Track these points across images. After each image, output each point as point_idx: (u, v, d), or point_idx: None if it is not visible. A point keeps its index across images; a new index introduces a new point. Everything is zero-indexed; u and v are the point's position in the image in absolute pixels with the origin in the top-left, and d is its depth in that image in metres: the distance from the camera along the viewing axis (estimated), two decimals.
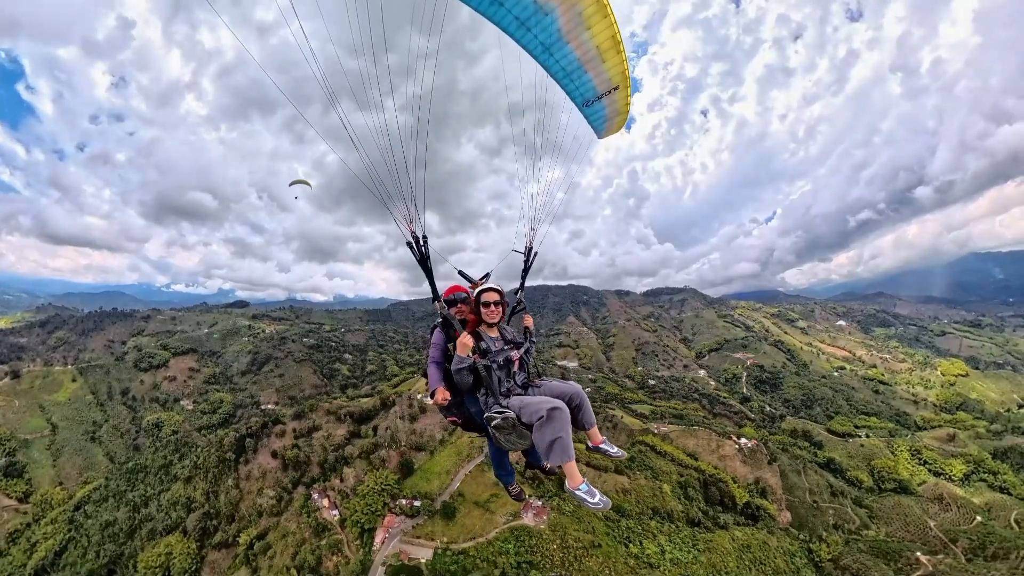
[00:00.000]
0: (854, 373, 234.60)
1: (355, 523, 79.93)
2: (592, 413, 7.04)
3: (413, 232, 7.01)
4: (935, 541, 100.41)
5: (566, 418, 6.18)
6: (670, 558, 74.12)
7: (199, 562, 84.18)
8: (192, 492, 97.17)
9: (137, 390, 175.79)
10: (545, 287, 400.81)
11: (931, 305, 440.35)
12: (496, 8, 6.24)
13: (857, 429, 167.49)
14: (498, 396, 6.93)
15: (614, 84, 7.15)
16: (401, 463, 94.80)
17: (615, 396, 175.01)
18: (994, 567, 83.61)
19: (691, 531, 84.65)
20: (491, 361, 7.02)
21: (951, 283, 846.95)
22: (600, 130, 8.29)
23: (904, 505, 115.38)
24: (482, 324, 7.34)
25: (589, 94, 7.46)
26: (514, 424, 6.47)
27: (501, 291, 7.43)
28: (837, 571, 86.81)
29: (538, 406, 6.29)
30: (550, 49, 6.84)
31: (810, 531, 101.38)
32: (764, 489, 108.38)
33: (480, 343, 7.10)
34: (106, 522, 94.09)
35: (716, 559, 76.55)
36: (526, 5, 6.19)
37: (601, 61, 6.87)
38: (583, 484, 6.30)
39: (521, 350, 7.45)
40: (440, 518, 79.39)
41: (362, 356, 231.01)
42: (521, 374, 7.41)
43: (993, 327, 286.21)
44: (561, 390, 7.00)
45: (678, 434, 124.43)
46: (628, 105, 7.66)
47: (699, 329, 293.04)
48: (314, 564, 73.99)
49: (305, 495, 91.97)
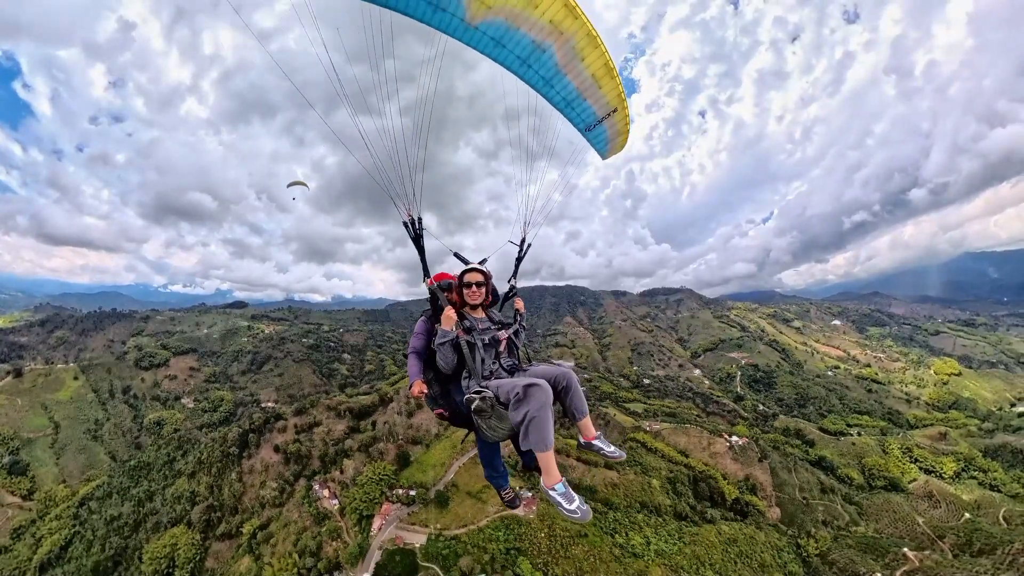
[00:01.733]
0: (848, 372, 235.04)
1: (354, 510, 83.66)
2: (583, 400, 6.51)
3: (410, 214, 7.16)
4: (923, 537, 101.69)
5: (545, 398, 5.60)
6: (655, 549, 76.17)
7: (203, 552, 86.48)
8: (196, 486, 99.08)
9: (138, 388, 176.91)
10: (542, 287, 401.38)
11: (926, 304, 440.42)
12: (500, 50, 6.87)
13: (849, 427, 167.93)
14: (479, 377, 6.62)
15: (612, 107, 7.70)
16: (398, 455, 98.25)
17: (609, 395, 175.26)
18: (979, 563, 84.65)
19: (678, 525, 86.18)
20: (475, 338, 6.80)
21: (946, 283, 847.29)
22: (604, 151, 8.79)
23: (894, 502, 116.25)
24: (466, 306, 7.26)
25: (590, 119, 7.98)
26: (492, 405, 6.03)
27: (485, 272, 7.31)
28: (824, 566, 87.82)
29: (514, 383, 5.92)
30: (550, 82, 7.42)
31: (799, 527, 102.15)
32: (754, 486, 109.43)
33: (464, 322, 6.96)
34: (111, 516, 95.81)
35: (701, 551, 78.21)
36: (525, 45, 6.77)
37: (598, 87, 7.41)
38: (559, 484, 5.68)
39: (509, 331, 7.27)
40: (434, 506, 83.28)
41: (360, 356, 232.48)
42: (509, 359, 7.16)
43: (987, 326, 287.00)
44: (546, 371, 6.52)
45: (670, 432, 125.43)
46: (628, 125, 8.15)
47: (695, 329, 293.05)
48: (315, 549, 77.32)
49: (306, 486, 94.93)
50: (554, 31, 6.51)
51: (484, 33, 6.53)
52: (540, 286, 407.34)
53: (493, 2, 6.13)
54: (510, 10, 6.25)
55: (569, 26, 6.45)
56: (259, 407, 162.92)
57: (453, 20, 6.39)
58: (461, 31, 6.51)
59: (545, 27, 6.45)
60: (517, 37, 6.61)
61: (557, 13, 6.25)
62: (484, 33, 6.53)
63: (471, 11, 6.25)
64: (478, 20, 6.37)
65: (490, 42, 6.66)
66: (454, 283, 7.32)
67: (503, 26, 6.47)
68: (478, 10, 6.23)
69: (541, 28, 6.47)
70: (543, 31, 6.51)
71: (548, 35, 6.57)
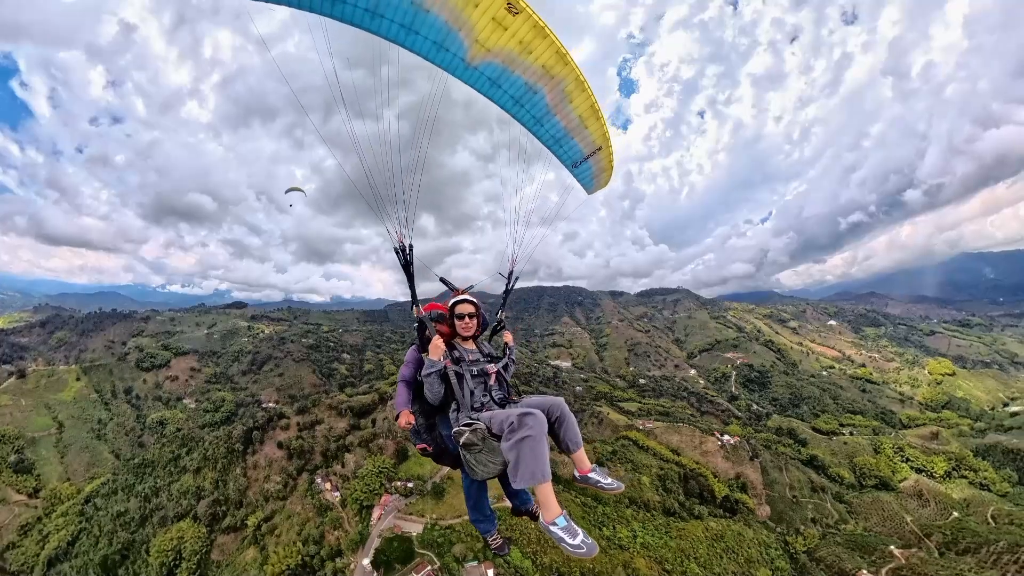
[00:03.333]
0: (843, 372, 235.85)
1: (355, 501, 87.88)
2: (578, 431, 6.22)
3: (401, 241, 7.33)
4: (910, 535, 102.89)
5: (541, 426, 5.37)
6: (640, 542, 79.07)
7: (209, 545, 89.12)
8: (201, 482, 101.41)
9: (140, 389, 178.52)
10: (540, 288, 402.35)
11: (922, 305, 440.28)
12: (495, 90, 7.38)
13: (842, 427, 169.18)
14: (468, 409, 6.43)
15: (597, 145, 8.15)
16: (397, 450, 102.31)
17: (605, 395, 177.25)
18: (964, 561, 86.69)
19: (665, 520, 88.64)
20: (464, 370, 6.67)
21: (943, 282, 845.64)
22: (589, 187, 9.14)
23: (883, 501, 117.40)
24: (456, 337, 7.19)
25: (577, 156, 8.39)
26: (484, 437, 5.78)
27: (476, 303, 7.24)
28: (812, 563, 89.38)
29: (507, 413, 5.67)
30: (540, 121, 7.86)
31: (788, 524, 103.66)
32: (744, 484, 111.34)
33: (454, 352, 6.84)
34: (118, 512, 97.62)
35: (686, 545, 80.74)
36: (519, 86, 7.28)
37: (584, 128, 7.86)
38: (560, 518, 5.41)
39: (499, 364, 7.11)
40: (430, 498, 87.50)
41: (360, 356, 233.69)
42: (499, 392, 6.93)
43: (982, 327, 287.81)
44: (539, 402, 6.26)
45: (662, 430, 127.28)
46: (612, 162, 8.55)
47: (692, 330, 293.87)
48: (317, 538, 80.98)
49: (309, 480, 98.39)
50: (546, 75, 7.06)
51: (482, 73, 7.10)
52: (538, 286, 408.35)
53: (492, 45, 6.68)
54: (507, 54, 6.81)
55: (560, 71, 7.01)
56: (260, 407, 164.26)
57: (455, 60, 6.95)
58: (461, 70, 7.07)
59: (538, 71, 7.00)
60: (512, 79, 7.16)
61: (549, 59, 6.84)
62: (482, 73, 7.10)
63: (471, 52, 6.81)
64: (477, 61, 6.93)
65: (487, 82, 7.22)
66: (444, 315, 7.29)
67: (499, 68, 7.00)
68: (477, 52, 6.80)
69: (534, 72, 7.02)
70: (536, 74, 7.06)
71: (540, 78, 7.12)
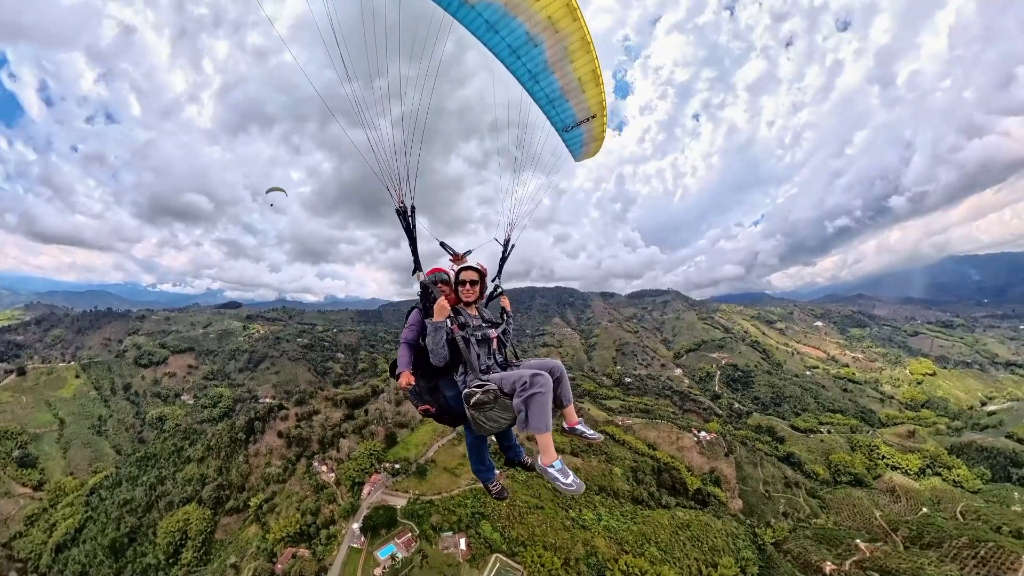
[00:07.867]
0: (826, 372, 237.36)
1: (348, 478, 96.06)
2: (570, 389, 6.94)
3: (402, 202, 7.13)
4: (878, 530, 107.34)
5: (548, 384, 5.97)
6: (604, 525, 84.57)
7: (213, 525, 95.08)
8: (206, 469, 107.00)
9: (139, 386, 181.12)
10: (532, 288, 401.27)
11: (909, 306, 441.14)
12: (492, 35, 6.76)
13: (821, 425, 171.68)
14: (478, 371, 6.80)
15: (592, 113, 7.73)
16: (387, 436, 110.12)
17: (589, 392, 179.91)
18: (926, 555, 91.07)
19: (633, 507, 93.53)
20: (470, 334, 6.95)
21: (929, 285, 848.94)
22: (577, 154, 8.81)
23: (855, 496, 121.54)
24: (460, 303, 7.38)
25: (569, 121, 7.98)
26: (496, 396, 6.25)
27: (480, 269, 7.48)
28: (779, 554, 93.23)
29: (519, 373, 6.18)
30: (536, 77, 7.34)
31: (759, 517, 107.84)
32: (718, 478, 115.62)
33: (459, 317, 7.06)
34: (124, 500, 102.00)
35: (648, 531, 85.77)
36: (519, 35, 6.68)
37: (582, 91, 7.40)
38: (557, 461, 6.04)
39: (499, 329, 7.41)
40: (415, 477, 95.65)
41: (354, 355, 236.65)
42: (500, 355, 7.35)
43: (965, 327, 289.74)
44: (541, 363, 6.80)
45: (641, 426, 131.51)
46: (604, 132, 8.17)
47: (680, 330, 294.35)
48: (314, 510, 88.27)
49: (307, 464, 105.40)
50: (549, 27, 6.53)
51: (480, 14, 6.52)
52: (530, 287, 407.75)
53: None
54: None
55: (566, 25, 6.48)
56: (258, 403, 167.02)
57: None
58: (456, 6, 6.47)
59: (541, 21, 6.47)
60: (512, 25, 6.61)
61: (557, 11, 6.28)
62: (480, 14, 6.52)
63: None
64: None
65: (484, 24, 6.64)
66: (448, 276, 7.51)
67: (500, 11, 6.45)
68: None
69: (537, 21, 6.49)
70: (539, 25, 6.54)
71: (543, 30, 6.59)
